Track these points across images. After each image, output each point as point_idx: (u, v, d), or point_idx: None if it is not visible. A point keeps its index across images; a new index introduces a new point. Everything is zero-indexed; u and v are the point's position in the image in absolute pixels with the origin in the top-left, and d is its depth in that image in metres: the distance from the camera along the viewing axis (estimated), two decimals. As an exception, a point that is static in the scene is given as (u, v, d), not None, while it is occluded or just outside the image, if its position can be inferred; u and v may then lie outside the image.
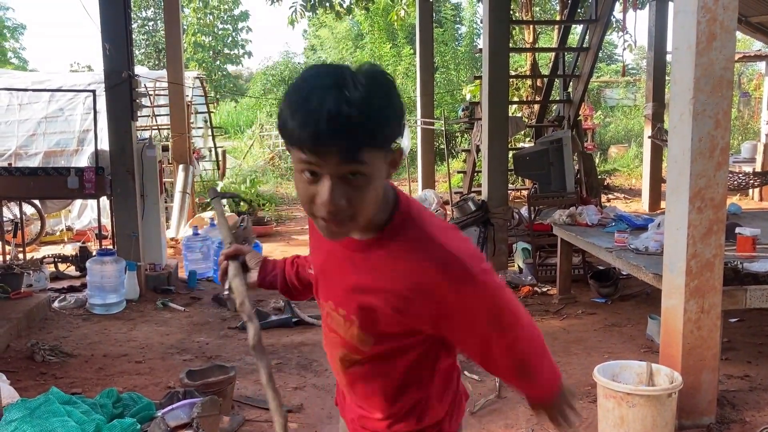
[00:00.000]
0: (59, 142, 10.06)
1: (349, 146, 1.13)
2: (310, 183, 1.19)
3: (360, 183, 1.17)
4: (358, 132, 1.13)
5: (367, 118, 1.13)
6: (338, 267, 1.36)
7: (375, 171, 1.18)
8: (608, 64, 25.56)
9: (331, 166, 1.15)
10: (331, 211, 1.18)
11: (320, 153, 1.14)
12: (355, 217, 1.21)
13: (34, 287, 6.13)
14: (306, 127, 1.12)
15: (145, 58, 24.86)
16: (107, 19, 6.20)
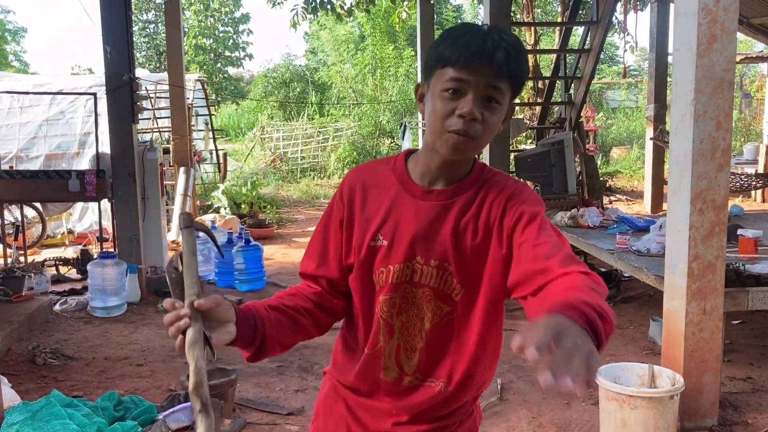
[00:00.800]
0: (60, 145, 10.08)
1: (500, 69, 1.31)
2: (452, 99, 1.33)
3: (493, 108, 1.34)
4: (510, 62, 1.31)
5: (517, 56, 1.33)
6: (425, 222, 1.42)
7: (503, 105, 1.36)
8: (610, 66, 25.57)
9: (479, 83, 1.31)
10: (468, 121, 1.32)
11: (473, 69, 1.30)
12: (479, 138, 1.35)
13: (35, 290, 6.13)
14: (470, 44, 1.30)
15: (146, 60, 24.90)
16: (108, 21, 6.21)
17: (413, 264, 1.42)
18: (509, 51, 1.32)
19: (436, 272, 1.41)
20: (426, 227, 1.41)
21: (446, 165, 1.41)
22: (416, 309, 1.44)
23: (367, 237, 1.44)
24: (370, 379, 1.49)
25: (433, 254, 1.41)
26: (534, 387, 4.15)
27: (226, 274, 6.96)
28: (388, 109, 19.18)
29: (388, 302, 1.44)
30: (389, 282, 1.43)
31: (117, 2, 6.19)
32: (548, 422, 3.66)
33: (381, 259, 1.44)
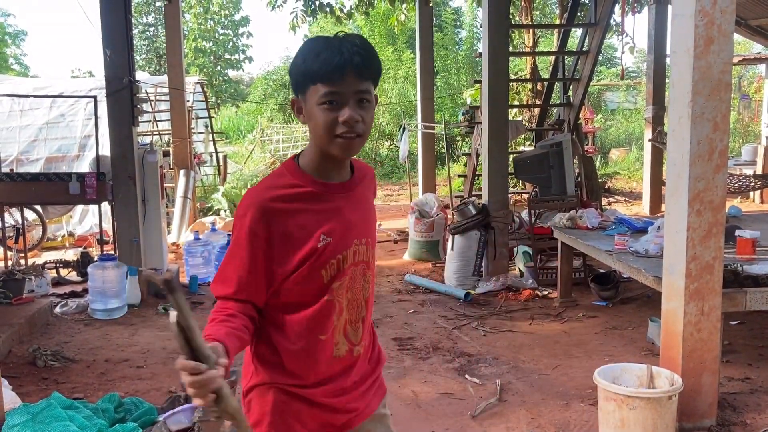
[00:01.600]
0: (60, 147, 10.10)
1: (361, 74, 1.53)
2: (331, 110, 1.53)
3: (366, 107, 1.57)
4: (366, 65, 1.54)
5: (369, 56, 1.55)
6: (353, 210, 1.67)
7: (372, 101, 1.59)
8: (608, 68, 25.59)
9: (349, 91, 1.53)
10: (352, 125, 1.53)
11: (341, 81, 1.51)
12: (363, 135, 1.58)
13: (35, 293, 6.13)
14: (331, 60, 1.51)
15: (146, 63, 24.93)
16: (108, 25, 6.23)
17: (354, 246, 1.66)
18: (364, 55, 1.54)
19: (365, 248, 1.69)
20: (354, 214, 1.67)
21: (340, 163, 1.65)
22: (358, 284, 1.68)
23: (310, 243, 1.58)
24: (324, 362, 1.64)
25: (362, 234, 1.69)
26: (533, 388, 4.16)
27: (226, 276, 6.96)
28: (387, 111, 19.21)
29: (341, 287, 1.64)
30: (341, 269, 1.63)
31: (117, 5, 6.21)
32: (547, 423, 3.67)
33: (328, 255, 1.61)
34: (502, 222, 6.82)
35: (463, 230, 6.75)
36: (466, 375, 4.37)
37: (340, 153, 1.58)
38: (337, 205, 1.65)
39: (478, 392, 4.08)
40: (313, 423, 1.67)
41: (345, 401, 1.69)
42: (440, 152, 14.93)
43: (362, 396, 1.74)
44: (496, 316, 5.77)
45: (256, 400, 1.69)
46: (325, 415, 1.67)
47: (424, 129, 10.95)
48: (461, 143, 16.50)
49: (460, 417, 3.76)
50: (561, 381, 4.28)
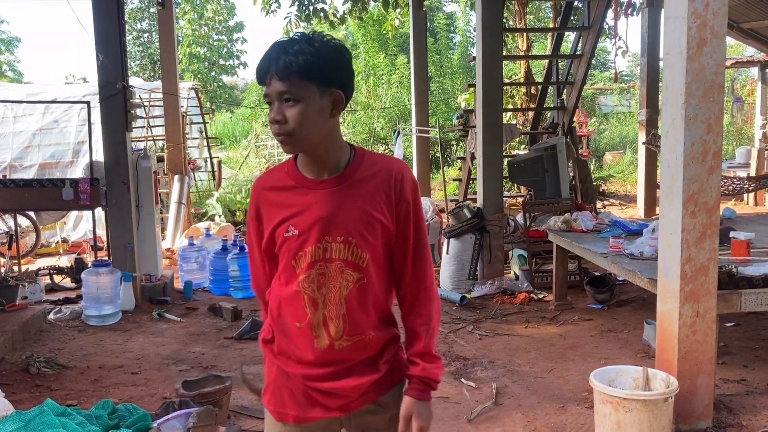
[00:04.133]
0: (54, 153, 10.06)
1: (280, 77, 1.62)
2: (269, 112, 1.66)
3: (292, 104, 1.63)
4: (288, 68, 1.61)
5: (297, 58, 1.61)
6: (326, 207, 1.70)
7: (305, 97, 1.63)
8: (602, 72, 25.68)
9: (273, 93, 1.64)
10: (274, 125, 1.65)
11: (269, 83, 1.64)
12: (293, 132, 1.64)
13: (29, 299, 6.11)
14: (262, 66, 1.65)
15: (141, 69, 24.91)
16: (101, 30, 6.22)
17: (324, 243, 1.70)
18: (290, 57, 1.62)
19: (343, 246, 1.70)
20: (327, 210, 1.70)
21: (310, 158, 1.74)
22: (333, 281, 1.71)
23: (280, 231, 1.73)
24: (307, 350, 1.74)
25: (339, 231, 1.70)
26: (529, 391, 4.15)
27: (220, 281, 6.95)
28: (381, 115, 19.21)
29: (306, 279, 1.72)
30: (307, 262, 1.71)
31: (110, 11, 6.19)
32: (543, 426, 3.66)
33: (296, 246, 1.71)
34: (497, 225, 6.82)
35: (459, 234, 6.75)
36: (462, 379, 4.36)
37: (284, 150, 1.72)
38: (310, 200, 1.72)
39: (473, 396, 4.07)
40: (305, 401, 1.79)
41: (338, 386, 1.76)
42: (435, 156, 14.92)
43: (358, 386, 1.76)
44: (492, 320, 5.76)
45: (265, 370, 1.89)
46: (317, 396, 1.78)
47: (418, 133, 10.95)
48: (456, 147, 16.51)
49: (456, 421, 3.75)
50: (557, 384, 4.27)
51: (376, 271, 1.75)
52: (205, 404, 3.39)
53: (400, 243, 1.77)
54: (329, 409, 1.78)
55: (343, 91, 1.68)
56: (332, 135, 1.71)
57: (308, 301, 1.72)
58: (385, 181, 1.73)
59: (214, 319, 6.00)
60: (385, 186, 1.72)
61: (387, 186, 1.72)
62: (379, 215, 1.72)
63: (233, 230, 9.59)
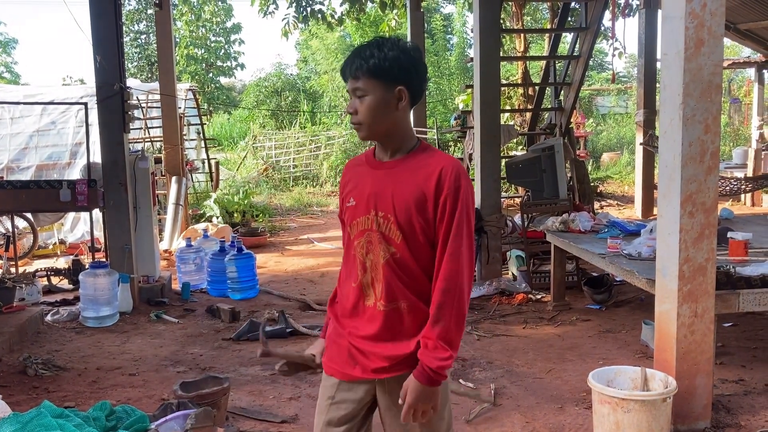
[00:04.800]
0: (51, 155, 10.04)
1: (353, 75, 1.95)
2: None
3: (362, 99, 1.95)
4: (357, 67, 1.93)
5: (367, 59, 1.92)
6: (379, 184, 1.98)
7: (371, 92, 1.94)
8: (599, 73, 25.71)
9: (349, 88, 1.98)
10: (349, 114, 1.99)
11: (347, 81, 1.98)
12: (362, 121, 1.96)
13: (26, 301, 6.09)
14: (342, 68, 1.99)
15: (138, 71, 24.88)
16: (98, 31, 6.21)
17: (370, 216, 1.98)
18: (360, 59, 1.92)
19: (383, 221, 1.96)
20: (379, 187, 1.98)
21: (378, 145, 2.05)
22: (375, 249, 1.97)
23: (344, 200, 2.07)
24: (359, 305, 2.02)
25: (381, 207, 1.96)
26: (527, 392, 4.15)
27: (218, 282, 6.94)
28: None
29: (359, 245, 2.01)
30: (358, 230, 2.01)
31: (107, 12, 6.19)
32: (542, 426, 3.66)
33: (353, 215, 2.02)
34: (495, 226, 6.82)
35: (456, 235, 6.73)
36: (461, 379, 4.36)
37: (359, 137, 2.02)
38: (369, 177, 2.02)
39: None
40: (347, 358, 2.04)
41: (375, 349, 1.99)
42: (433, 157, 14.92)
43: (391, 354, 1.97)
44: (490, 321, 5.76)
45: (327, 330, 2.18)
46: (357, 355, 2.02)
47: (416, 134, 10.95)
48: (453, 148, 16.51)
49: (455, 422, 3.73)
50: (555, 384, 4.27)
51: (410, 251, 1.94)
52: (204, 405, 3.38)
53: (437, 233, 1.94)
54: (366, 370, 2.00)
55: (407, 87, 1.95)
56: (399, 125, 1.99)
57: (359, 264, 2.00)
58: (435, 173, 1.92)
59: (212, 321, 5.99)
60: (434, 177, 1.92)
61: (435, 177, 1.92)
62: (420, 201, 1.92)
63: (231, 231, 9.58)
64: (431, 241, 1.94)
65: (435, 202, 1.91)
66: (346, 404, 2.04)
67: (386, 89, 1.93)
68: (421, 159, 1.97)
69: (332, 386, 2.07)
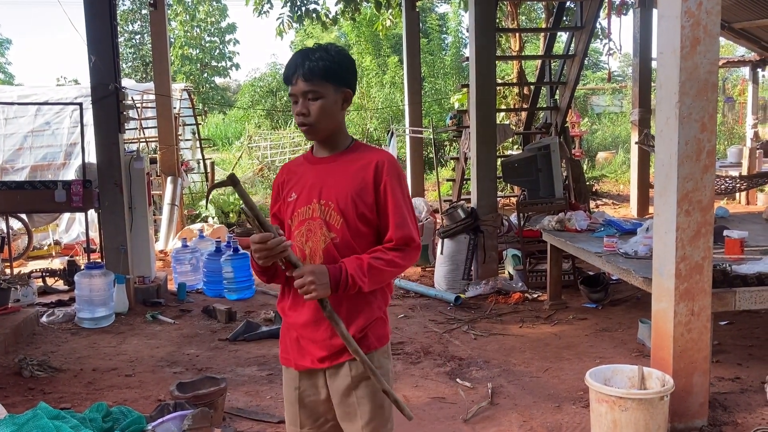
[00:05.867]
0: (46, 155, 10.00)
1: (307, 76, 2.00)
2: (294, 106, 2.05)
3: (314, 102, 2.02)
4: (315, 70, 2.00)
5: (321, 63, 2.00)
6: (318, 177, 2.09)
7: (324, 94, 2.02)
8: (594, 72, 25.75)
9: (299, 90, 2.02)
10: (300, 117, 2.03)
11: (295, 83, 2.03)
12: (314, 123, 2.03)
13: (21, 302, 6.06)
14: (287, 71, 2.05)
15: (133, 71, 24.82)
16: (93, 31, 6.19)
17: (311, 205, 2.07)
18: (314, 62, 1.99)
19: (324, 208, 2.05)
20: (318, 179, 2.09)
21: (319, 143, 2.13)
22: (314, 236, 2.05)
23: (285, 196, 2.15)
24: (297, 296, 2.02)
25: (323, 196, 2.06)
26: (524, 391, 4.15)
27: (214, 282, 6.93)
28: (374, 116, 19.21)
29: (298, 234, 2.08)
30: (298, 220, 2.09)
31: (102, 12, 6.17)
32: (539, 425, 3.66)
33: (294, 207, 2.11)
34: (491, 225, 6.82)
35: (453, 234, 6.75)
36: (458, 379, 4.36)
37: (307, 138, 2.10)
38: (310, 172, 2.12)
39: (469, 396, 4.07)
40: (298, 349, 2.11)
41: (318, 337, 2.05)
42: (428, 157, 14.94)
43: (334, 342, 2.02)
44: (487, 320, 5.76)
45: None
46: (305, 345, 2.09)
47: (412, 134, 10.95)
48: (449, 148, 16.52)
49: (452, 421, 3.74)
50: (552, 383, 4.27)
51: (351, 235, 2.03)
52: (200, 406, 3.37)
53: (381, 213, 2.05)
54: (314, 360, 2.07)
55: (351, 89, 2.09)
56: (341, 125, 2.11)
57: (299, 253, 2.04)
58: (372, 164, 2.05)
59: (208, 321, 5.97)
60: (371, 168, 2.05)
61: (372, 168, 2.04)
62: (359, 189, 2.03)
63: (227, 232, 9.57)
64: (372, 227, 2.06)
65: (375, 190, 2.03)
66: (310, 392, 2.13)
67: (335, 91, 2.03)
68: (358, 154, 2.10)
69: (294, 378, 2.15)
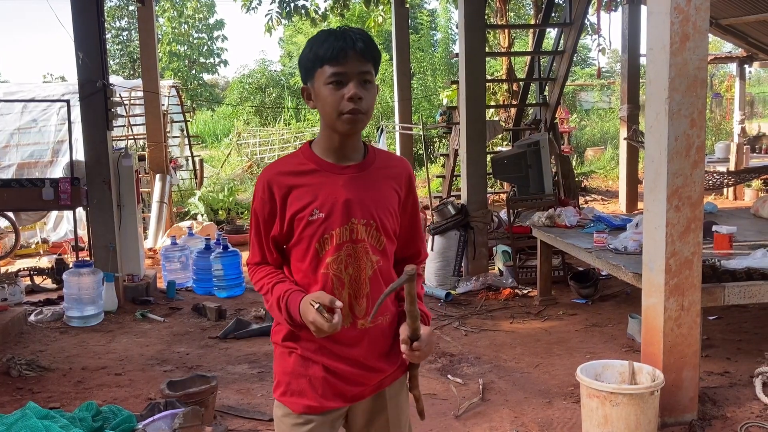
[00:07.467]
0: (33, 153, 9.92)
1: (363, 56, 1.69)
2: (337, 90, 1.69)
3: (369, 88, 1.72)
4: (368, 49, 1.70)
5: (371, 43, 1.71)
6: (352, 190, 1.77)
7: (374, 83, 1.73)
8: (583, 68, 25.85)
9: (354, 69, 1.68)
10: (356, 101, 1.68)
11: (347, 60, 1.67)
12: (367, 113, 1.72)
13: (9, 301, 6.00)
14: (336, 44, 1.67)
15: (120, 68, 24.68)
16: (80, 28, 6.14)
17: (350, 225, 1.77)
18: (365, 41, 1.69)
19: (365, 229, 1.77)
20: (353, 194, 1.77)
21: (345, 142, 1.77)
22: (358, 261, 1.78)
23: (303, 215, 1.76)
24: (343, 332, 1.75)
25: (363, 215, 1.77)
26: (515, 387, 4.16)
27: (204, 280, 6.90)
28: (364, 113, 19.19)
29: (335, 261, 1.77)
30: (334, 244, 1.76)
31: (89, 8, 6.12)
32: (530, 421, 3.67)
33: (322, 229, 1.76)
34: (481, 222, 6.83)
35: (443, 230, 6.75)
36: (449, 375, 4.36)
37: (346, 129, 1.73)
38: (337, 183, 1.77)
39: (460, 392, 4.07)
40: (325, 390, 1.82)
41: (357, 374, 1.82)
42: (418, 153, 14.94)
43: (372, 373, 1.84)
44: (477, 316, 5.77)
45: (278, 361, 1.89)
46: (337, 383, 1.82)
47: (401, 130, 10.94)
48: (439, 144, 16.53)
49: (444, 417, 3.74)
50: (543, 379, 4.28)
51: (389, 256, 1.85)
52: (191, 404, 3.35)
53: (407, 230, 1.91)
54: (345, 399, 1.84)
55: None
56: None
57: (336, 281, 1.78)
58: (400, 176, 1.86)
59: (198, 319, 5.95)
60: (399, 179, 1.86)
61: (401, 180, 1.86)
62: (394, 204, 1.84)
63: (216, 229, 9.53)
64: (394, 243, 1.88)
65: (404, 204, 1.88)
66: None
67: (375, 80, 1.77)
68: (382, 160, 1.85)
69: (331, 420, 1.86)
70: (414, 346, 1.72)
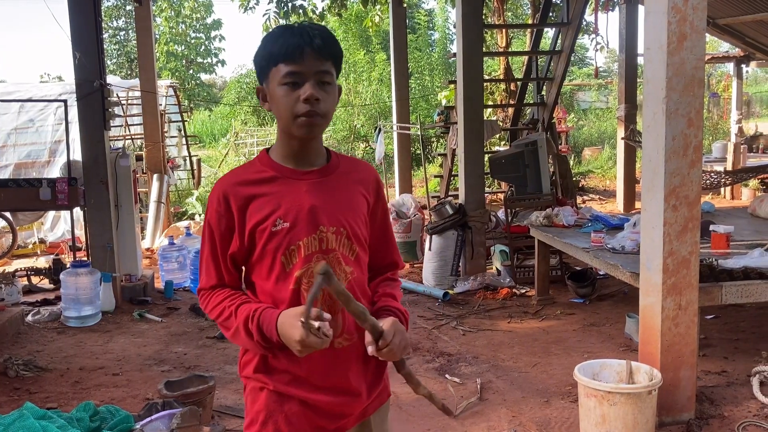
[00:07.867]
0: (30, 153, 9.92)
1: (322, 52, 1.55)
2: (293, 91, 1.56)
3: (328, 89, 1.58)
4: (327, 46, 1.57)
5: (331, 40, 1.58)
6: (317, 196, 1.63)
7: (333, 84, 1.61)
8: (580, 68, 25.88)
9: (310, 69, 1.55)
10: (312, 103, 1.55)
11: (303, 59, 1.54)
12: (325, 116, 1.59)
13: (6, 301, 6.00)
14: (291, 41, 1.54)
15: (117, 68, 24.66)
16: (77, 27, 6.14)
17: (319, 233, 1.62)
18: (324, 38, 1.57)
19: (335, 237, 1.63)
20: (318, 200, 1.63)
21: (304, 147, 1.64)
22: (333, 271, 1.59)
23: (265, 226, 1.60)
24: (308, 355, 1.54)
25: (332, 222, 1.63)
26: (513, 386, 4.17)
27: (202, 280, 6.88)
28: (362, 113, 19.19)
29: (305, 275, 1.61)
30: (302, 255, 1.61)
31: (86, 9, 6.11)
32: (528, 420, 3.67)
33: (287, 240, 1.60)
34: (478, 221, 6.83)
35: (441, 230, 6.75)
36: (447, 375, 4.36)
37: (302, 133, 1.60)
38: (300, 190, 1.63)
39: (458, 392, 4.07)
40: (303, 425, 1.66)
41: (338, 402, 1.67)
42: (416, 153, 14.94)
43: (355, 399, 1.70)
44: (475, 315, 5.77)
45: (250, 398, 1.71)
46: (316, 417, 1.67)
47: (399, 130, 10.94)
48: (436, 144, 16.53)
49: (441, 417, 3.74)
50: (541, 378, 4.29)
51: (363, 267, 1.71)
52: (189, 404, 3.35)
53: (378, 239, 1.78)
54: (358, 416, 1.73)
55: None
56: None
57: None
58: (367, 180, 1.74)
59: (196, 319, 5.94)
60: (367, 185, 1.73)
61: (369, 185, 1.73)
62: (363, 210, 1.71)
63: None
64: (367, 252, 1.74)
65: (373, 211, 1.74)
66: None
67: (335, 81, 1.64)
68: (345, 165, 1.72)
69: None
70: (380, 344, 1.56)
